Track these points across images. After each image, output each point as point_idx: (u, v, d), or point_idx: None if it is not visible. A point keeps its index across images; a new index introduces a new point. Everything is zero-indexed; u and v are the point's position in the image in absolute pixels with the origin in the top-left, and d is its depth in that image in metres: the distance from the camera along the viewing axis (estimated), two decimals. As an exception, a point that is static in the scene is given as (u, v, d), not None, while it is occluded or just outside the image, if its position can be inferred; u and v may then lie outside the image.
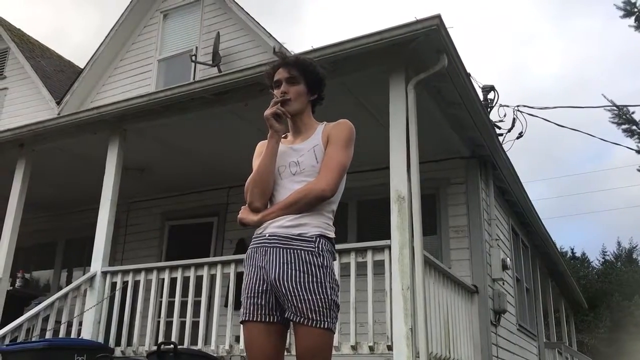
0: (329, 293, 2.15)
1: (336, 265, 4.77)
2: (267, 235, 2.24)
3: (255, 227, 2.32)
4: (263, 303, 2.19)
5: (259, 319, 2.19)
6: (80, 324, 5.71)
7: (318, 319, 2.10)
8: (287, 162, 2.33)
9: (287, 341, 2.90)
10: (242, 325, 2.27)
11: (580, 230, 58.51)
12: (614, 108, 6.07)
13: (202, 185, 8.28)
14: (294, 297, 2.12)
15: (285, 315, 2.17)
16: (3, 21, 12.43)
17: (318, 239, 2.21)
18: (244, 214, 2.34)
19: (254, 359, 2.20)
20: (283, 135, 2.43)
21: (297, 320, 2.12)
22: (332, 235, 2.29)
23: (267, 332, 2.19)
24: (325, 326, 2.12)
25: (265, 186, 2.30)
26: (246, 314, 2.21)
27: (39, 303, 5.94)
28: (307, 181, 2.26)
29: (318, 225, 2.24)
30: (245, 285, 2.25)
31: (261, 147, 2.46)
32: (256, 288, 2.21)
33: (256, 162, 2.39)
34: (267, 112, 2.32)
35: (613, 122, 6.17)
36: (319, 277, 2.15)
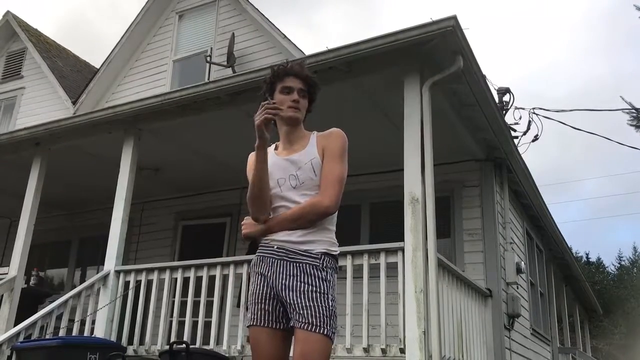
0: (331, 304, 2.23)
1: (348, 268, 4.75)
2: (275, 247, 2.32)
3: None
4: (270, 309, 2.28)
5: (265, 324, 2.28)
6: (94, 322, 5.75)
7: (318, 324, 2.17)
8: (286, 175, 2.37)
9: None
10: (248, 329, 2.34)
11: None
12: (633, 111, 5.98)
13: (216, 186, 8.30)
14: (297, 305, 2.20)
15: (290, 324, 2.23)
16: (21, 22, 12.56)
17: (323, 256, 2.29)
18: (248, 228, 2.40)
19: None
20: (273, 146, 2.49)
21: (299, 326, 2.18)
22: (335, 252, 2.36)
23: (273, 336, 2.27)
24: (325, 332, 2.17)
25: (264, 198, 2.34)
26: (253, 319, 2.30)
27: (53, 301, 5.97)
28: (307, 194, 2.32)
29: (323, 243, 2.31)
30: (253, 291, 2.33)
31: (253, 158, 2.47)
32: (263, 295, 2.29)
33: (251, 174, 2.41)
34: (258, 120, 2.29)
35: (631, 125, 6.08)
36: (321, 288, 2.23)
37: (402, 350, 4.36)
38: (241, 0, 9.90)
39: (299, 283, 2.23)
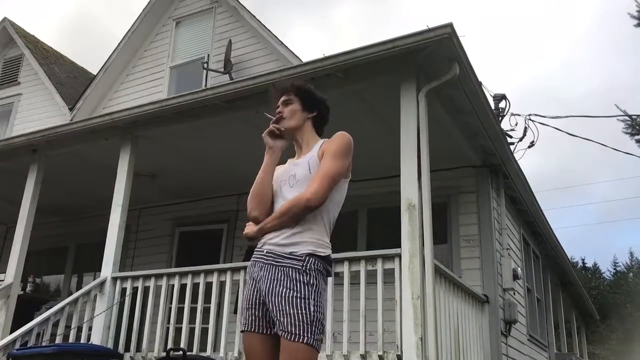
0: (311, 310, 2.18)
1: (345, 274, 4.74)
2: (265, 251, 2.34)
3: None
4: (260, 315, 2.28)
5: (256, 330, 2.29)
6: (90, 329, 5.73)
7: (297, 333, 2.15)
8: (287, 176, 2.44)
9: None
10: (241, 334, 2.37)
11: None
12: (627, 118, 6.01)
13: (213, 192, 8.30)
14: (278, 312, 2.19)
15: (274, 329, 2.23)
16: (18, 28, 12.57)
17: (307, 258, 2.26)
18: (248, 228, 2.44)
19: None
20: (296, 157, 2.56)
21: (281, 334, 2.19)
22: (324, 253, 2.31)
23: (264, 342, 2.27)
24: (304, 341, 2.14)
25: (262, 197, 2.43)
26: (245, 324, 2.32)
27: (50, 308, 5.96)
28: (300, 191, 2.35)
29: (309, 244, 2.29)
30: (245, 296, 2.36)
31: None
32: (253, 300, 2.31)
33: None
34: (265, 132, 2.52)
35: (626, 133, 6.10)
36: (302, 293, 2.20)
37: (400, 357, 4.35)
38: (238, 7, 9.93)
39: (281, 288, 2.22)
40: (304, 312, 2.16)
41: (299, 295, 2.19)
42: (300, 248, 2.27)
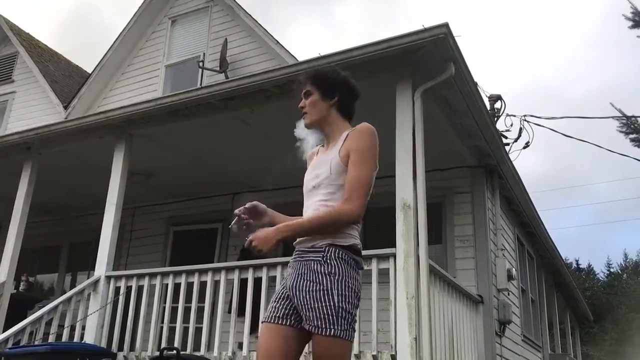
0: (335, 300, 2.16)
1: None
2: (296, 249, 2.36)
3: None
4: (279, 307, 2.30)
5: (271, 321, 2.29)
6: (84, 328, 5.71)
7: (324, 326, 2.14)
8: (312, 175, 2.42)
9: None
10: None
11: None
12: (622, 117, 6.01)
13: (208, 191, 8.28)
14: (304, 307, 2.19)
15: (302, 324, 2.23)
16: (13, 26, 12.51)
17: (327, 248, 2.25)
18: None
19: (258, 355, 2.29)
20: (322, 145, 2.54)
21: (308, 328, 2.19)
22: (346, 242, 2.27)
23: (276, 333, 2.26)
24: (332, 333, 2.13)
25: None
26: (265, 315, 2.34)
27: (43, 307, 5.93)
28: (320, 196, 2.33)
29: (329, 236, 2.27)
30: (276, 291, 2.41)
31: (309, 156, 2.57)
32: (279, 294, 2.34)
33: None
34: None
35: (621, 132, 6.09)
36: (324, 284, 2.18)
37: (394, 357, 4.36)
38: (234, 6, 9.91)
39: (305, 282, 2.21)
40: (327, 304, 2.15)
41: (321, 287, 2.17)
42: (319, 241, 2.26)
